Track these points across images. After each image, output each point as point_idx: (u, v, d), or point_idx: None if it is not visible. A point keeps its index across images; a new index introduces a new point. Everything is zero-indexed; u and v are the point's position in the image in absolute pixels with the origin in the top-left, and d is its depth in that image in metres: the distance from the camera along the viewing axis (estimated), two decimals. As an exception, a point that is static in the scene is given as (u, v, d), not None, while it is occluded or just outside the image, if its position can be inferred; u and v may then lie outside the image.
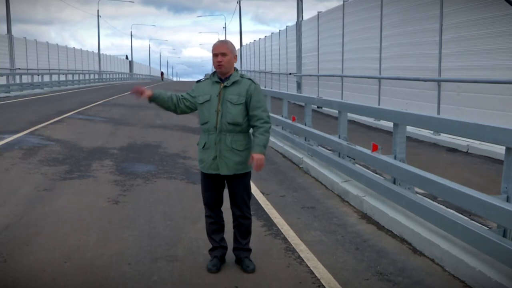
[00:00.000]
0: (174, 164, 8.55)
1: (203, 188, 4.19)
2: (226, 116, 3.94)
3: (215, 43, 4.07)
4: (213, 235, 4.21)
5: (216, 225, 4.20)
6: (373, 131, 12.97)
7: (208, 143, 4.00)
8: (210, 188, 4.14)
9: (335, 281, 3.94)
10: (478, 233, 3.92)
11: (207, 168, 4.04)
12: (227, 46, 4.01)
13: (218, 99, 3.98)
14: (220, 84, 4.01)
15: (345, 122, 7.36)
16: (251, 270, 4.08)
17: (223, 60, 3.94)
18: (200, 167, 4.12)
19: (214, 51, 3.99)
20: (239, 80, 4.00)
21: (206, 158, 4.02)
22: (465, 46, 11.26)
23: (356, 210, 5.98)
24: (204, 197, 4.20)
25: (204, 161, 4.06)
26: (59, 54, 44.03)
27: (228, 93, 3.97)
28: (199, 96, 4.06)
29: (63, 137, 11.21)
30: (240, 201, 4.11)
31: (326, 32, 20.85)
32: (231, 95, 3.97)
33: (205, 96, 4.02)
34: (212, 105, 3.98)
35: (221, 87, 3.99)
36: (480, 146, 9.52)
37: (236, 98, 3.96)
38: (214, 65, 4.02)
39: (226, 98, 3.96)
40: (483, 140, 4.79)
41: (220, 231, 4.23)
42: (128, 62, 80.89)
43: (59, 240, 4.72)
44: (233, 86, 3.99)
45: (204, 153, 4.04)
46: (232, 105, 3.95)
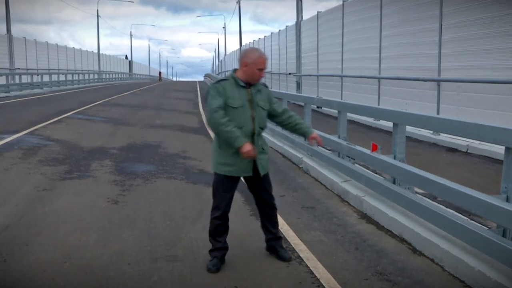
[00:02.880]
0: (174, 164, 8.55)
1: (221, 190, 4.17)
2: (259, 121, 4.11)
3: (262, 56, 4.11)
4: (218, 237, 4.23)
5: (224, 227, 4.24)
6: (373, 131, 12.97)
7: None
8: (229, 189, 4.20)
9: (334, 281, 3.94)
10: (478, 233, 3.92)
11: (239, 171, 4.11)
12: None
13: (250, 104, 4.07)
14: (247, 90, 4.08)
15: (345, 122, 7.36)
16: (289, 258, 4.30)
17: (263, 75, 4.11)
18: (226, 171, 4.10)
19: (263, 66, 4.07)
20: (261, 87, 4.20)
21: (239, 162, 4.05)
22: (464, 46, 11.27)
23: (356, 210, 5.98)
24: (219, 199, 4.19)
25: (235, 165, 4.07)
26: (58, 54, 44.02)
27: (258, 99, 4.12)
28: (230, 99, 4.01)
29: (62, 137, 11.21)
30: (269, 195, 4.33)
31: (326, 32, 20.85)
32: (261, 101, 4.15)
33: (238, 101, 4.03)
34: (246, 110, 4.05)
35: (249, 92, 4.08)
36: (479, 146, 9.52)
37: (264, 104, 4.17)
38: (253, 76, 4.06)
39: (258, 104, 4.11)
40: (482, 140, 4.80)
41: (225, 232, 4.27)
42: (127, 62, 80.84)
43: (59, 240, 4.72)
44: (259, 93, 4.16)
45: (236, 157, 4.03)
46: (263, 110, 4.17)
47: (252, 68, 4.04)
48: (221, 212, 4.19)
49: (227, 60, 62.41)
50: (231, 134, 3.90)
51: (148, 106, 21.09)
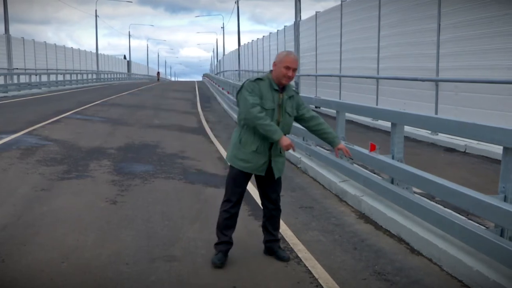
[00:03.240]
0: (172, 164, 8.55)
1: (233, 185, 4.24)
2: (284, 127, 4.13)
3: (289, 55, 4.13)
4: (225, 230, 4.27)
5: (232, 221, 4.29)
6: (371, 131, 12.98)
7: (261, 148, 4.10)
8: (241, 185, 4.25)
9: (333, 281, 3.94)
10: (476, 233, 3.93)
11: (253, 169, 4.15)
12: (298, 62, 4.18)
13: (279, 109, 4.11)
14: (280, 94, 4.11)
15: (343, 122, 7.37)
16: (287, 258, 4.32)
17: (292, 75, 4.08)
18: (242, 167, 4.15)
19: (289, 64, 4.05)
20: (293, 94, 4.22)
21: (256, 161, 4.12)
22: (463, 46, 11.29)
23: (354, 210, 5.99)
24: (231, 193, 4.26)
25: (250, 162, 4.12)
26: (57, 54, 44.02)
27: (287, 105, 4.15)
28: (263, 100, 4.05)
29: (61, 137, 11.19)
30: (277, 196, 4.36)
31: (324, 32, 20.86)
32: (289, 107, 4.17)
33: (271, 104, 4.07)
34: (274, 114, 4.09)
35: (280, 97, 4.11)
36: (478, 146, 9.54)
37: (291, 111, 4.20)
38: (280, 75, 4.07)
39: (286, 110, 4.14)
40: (481, 140, 4.82)
41: (232, 227, 4.31)
42: (126, 62, 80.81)
43: (57, 240, 4.71)
44: (290, 100, 4.18)
45: (254, 155, 4.11)
46: (290, 117, 4.20)
47: (279, 67, 4.06)
48: (230, 205, 4.25)
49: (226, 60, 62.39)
50: (270, 127, 3.95)
51: (146, 106, 21.09)
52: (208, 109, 20.81)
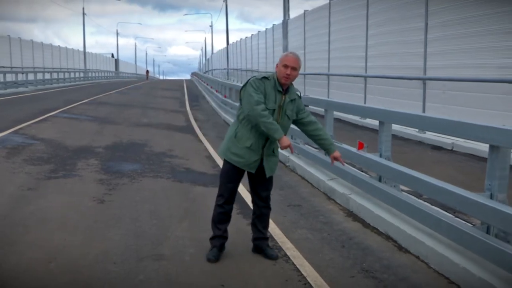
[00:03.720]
0: (160, 163, 8.52)
1: (226, 180, 4.27)
2: (282, 128, 4.09)
3: (288, 54, 4.16)
4: (219, 225, 4.31)
5: (225, 215, 4.33)
6: (359, 129, 13.03)
7: (255, 145, 4.12)
8: (234, 180, 4.28)
9: (321, 278, 3.95)
10: (463, 230, 3.96)
11: (244, 165, 4.17)
12: (299, 63, 4.14)
13: (279, 110, 4.12)
14: (282, 96, 4.12)
15: (331, 120, 7.38)
16: (275, 256, 4.33)
17: (291, 74, 4.07)
18: (234, 161, 4.17)
19: (287, 62, 4.06)
20: (295, 98, 4.21)
21: (248, 157, 4.14)
22: (450, 45, 11.36)
23: (342, 208, 6.01)
24: (224, 188, 4.29)
25: (243, 158, 4.14)
26: (43, 52, 43.64)
27: (287, 107, 4.16)
28: (266, 99, 4.05)
29: (48, 136, 11.11)
30: (267, 194, 4.38)
31: (313, 31, 20.90)
32: (290, 110, 4.18)
33: (273, 104, 4.08)
34: (274, 114, 4.09)
35: (283, 99, 4.12)
36: (464, 144, 9.61)
37: (291, 114, 4.20)
38: (279, 74, 4.08)
39: (286, 112, 4.15)
40: (467, 138, 4.85)
41: (227, 221, 4.35)
42: (114, 60, 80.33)
43: (44, 240, 4.67)
44: (292, 103, 4.19)
45: (247, 151, 4.13)
46: (289, 120, 4.21)
47: (279, 67, 4.09)
48: (224, 200, 4.28)
49: (214, 58, 62.28)
50: (272, 126, 3.97)
51: (134, 105, 20.99)
52: (197, 108, 20.77)
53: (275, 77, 4.12)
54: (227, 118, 15.16)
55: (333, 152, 4.33)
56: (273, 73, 4.17)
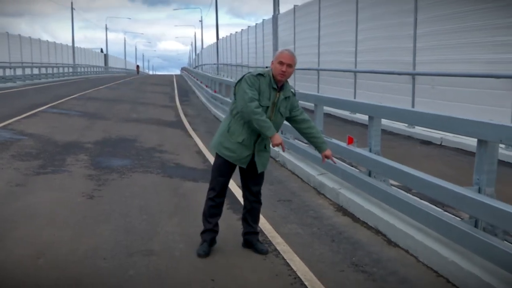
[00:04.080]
0: (150, 158, 8.49)
1: (218, 173, 4.29)
2: (274, 125, 4.11)
3: (283, 51, 4.14)
4: (210, 218, 4.32)
5: (217, 209, 4.34)
6: (349, 124, 13.06)
7: (247, 140, 4.14)
8: (225, 174, 4.29)
9: (311, 273, 3.97)
10: (451, 224, 3.99)
11: (235, 160, 4.19)
12: (294, 59, 4.13)
13: (272, 107, 4.12)
14: (277, 93, 4.12)
15: (321, 115, 7.40)
16: (265, 251, 4.34)
17: (287, 71, 4.07)
18: (226, 155, 4.19)
19: (283, 59, 4.06)
20: (290, 95, 4.21)
21: (240, 152, 4.16)
22: (439, 40, 11.40)
23: (332, 202, 6.03)
24: (216, 182, 4.30)
25: (234, 153, 4.16)
26: (32, 47, 43.27)
27: (281, 104, 4.17)
28: (260, 96, 4.05)
29: (36, 131, 11.03)
30: (258, 189, 4.40)
31: (303, 26, 20.89)
32: (283, 107, 4.18)
33: (267, 101, 4.08)
34: (268, 111, 4.10)
35: (277, 96, 4.12)
36: (453, 139, 9.66)
37: (285, 111, 4.21)
38: (275, 71, 4.08)
39: (279, 109, 4.16)
40: (456, 132, 4.88)
41: (218, 215, 4.37)
42: (103, 55, 79.87)
43: (33, 236, 4.65)
44: (286, 100, 4.19)
45: (239, 147, 4.15)
46: (282, 117, 4.22)
47: (275, 64, 4.09)
48: (215, 194, 4.29)
49: (204, 53, 62.11)
50: (265, 123, 3.98)
51: (124, 100, 20.89)
52: (187, 103, 20.71)
53: (270, 74, 4.11)
54: (217, 113, 15.13)
55: (324, 150, 4.36)
56: (269, 69, 4.17)
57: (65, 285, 3.71)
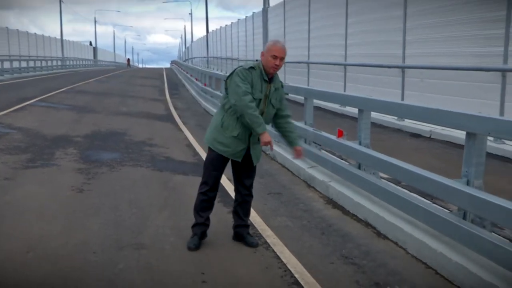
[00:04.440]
0: (140, 152, 8.47)
1: (211, 168, 4.27)
2: (267, 117, 4.17)
3: (276, 44, 4.11)
4: (202, 212, 4.33)
5: (209, 203, 4.34)
6: (339, 117, 13.09)
7: (242, 134, 4.12)
8: (218, 168, 4.29)
9: (301, 265, 3.98)
10: (440, 216, 4.02)
11: (230, 154, 4.18)
12: (286, 51, 4.12)
13: (265, 99, 4.12)
14: (268, 85, 4.11)
15: (311, 108, 7.40)
16: (255, 244, 4.36)
17: (279, 65, 4.07)
18: (221, 150, 4.17)
19: (276, 53, 4.04)
20: (279, 86, 4.22)
21: (234, 146, 4.15)
22: (428, 33, 11.45)
23: (322, 195, 6.05)
24: (208, 175, 4.29)
25: (230, 147, 4.15)
26: (19, 40, 42.84)
27: (272, 96, 4.17)
28: (253, 89, 4.04)
29: (25, 125, 10.95)
30: (250, 182, 4.41)
31: (293, 19, 20.87)
32: (274, 99, 4.19)
33: (259, 94, 4.08)
34: (261, 104, 4.10)
35: (268, 88, 4.11)
36: (442, 132, 9.72)
37: (276, 102, 4.21)
38: (267, 64, 4.06)
39: (271, 101, 4.16)
40: (444, 125, 4.90)
41: (209, 209, 4.38)
42: (92, 48, 79.32)
43: (21, 230, 4.62)
44: (276, 92, 4.19)
45: (234, 141, 4.14)
46: (273, 109, 4.22)
47: (267, 57, 4.06)
48: (208, 188, 4.29)
49: (194, 46, 61.87)
50: (257, 119, 3.96)
51: (113, 94, 20.78)
52: (176, 96, 20.64)
53: (260, 66, 4.10)
54: (207, 107, 15.10)
55: (297, 145, 4.38)
56: (259, 62, 4.15)
57: (55, 279, 3.70)
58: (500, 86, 9.22)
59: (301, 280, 3.73)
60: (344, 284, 3.75)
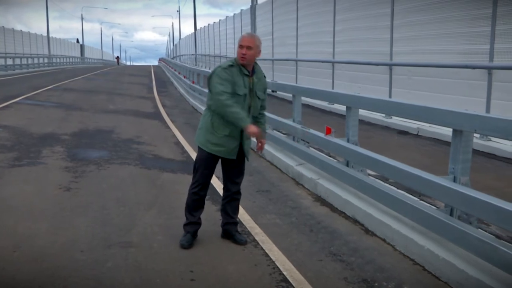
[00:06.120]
0: (128, 150, 8.42)
1: (203, 167, 4.27)
2: (254, 111, 4.21)
3: (243, 35, 4.20)
4: (194, 212, 4.34)
5: (200, 202, 4.35)
6: (327, 115, 13.12)
7: (233, 132, 4.14)
8: (210, 167, 4.30)
9: (289, 262, 3.99)
10: (427, 213, 4.04)
11: (225, 153, 4.20)
12: (254, 41, 4.15)
13: (250, 93, 4.14)
14: (249, 78, 4.13)
15: (299, 106, 7.41)
16: (244, 241, 4.36)
17: (247, 54, 4.09)
18: (214, 151, 4.18)
19: (241, 42, 4.11)
20: (261, 76, 4.24)
21: (228, 144, 4.17)
22: (415, 31, 11.51)
23: (310, 192, 6.06)
24: (200, 175, 4.29)
25: (224, 146, 4.17)
26: (5, 37, 42.41)
27: (256, 88, 4.19)
28: (236, 86, 4.06)
29: (11, 123, 10.85)
30: (239, 179, 4.43)
31: (281, 16, 20.86)
32: (259, 91, 4.23)
33: (243, 89, 4.09)
34: (246, 99, 4.12)
35: (250, 81, 4.13)
36: (429, 129, 9.79)
37: (261, 94, 4.25)
38: (237, 56, 4.11)
39: (256, 93, 4.18)
40: (431, 122, 4.93)
41: (201, 208, 4.38)
42: (79, 45, 78.76)
43: (8, 229, 4.58)
44: (259, 82, 4.21)
45: (226, 139, 4.15)
46: (259, 100, 4.24)
47: (237, 49, 4.13)
48: (200, 187, 4.30)
49: (182, 44, 61.67)
50: (237, 115, 3.97)
51: (101, 91, 20.64)
52: (164, 94, 20.56)
53: (238, 62, 4.13)
54: (195, 104, 15.06)
55: (262, 138, 4.35)
56: (236, 58, 4.18)
57: (42, 278, 3.67)
58: (486, 83, 9.30)
59: (289, 278, 3.74)
60: (332, 281, 3.77)
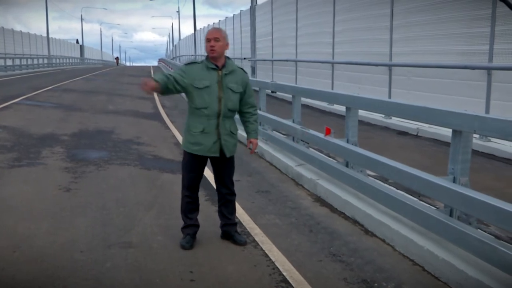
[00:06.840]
0: (128, 150, 8.42)
1: (188, 170, 4.30)
2: (227, 103, 4.14)
3: (209, 30, 4.23)
4: (189, 214, 4.34)
5: (194, 205, 4.37)
6: (327, 115, 13.12)
7: (208, 128, 4.14)
8: (195, 169, 4.30)
9: (289, 263, 3.99)
10: (427, 213, 4.05)
11: (206, 151, 4.18)
12: (221, 33, 4.19)
13: (219, 86, 4.12)
14: (218, 71, 4.13)
15: (299, 106, 7.42)
16: (244, 242, 4.36)
17: (216, 45, 4.09)
18: (194, 150, 4.19)
19: (208, 36, 4.13)
20: (235, 69, 4.21)
21: (206, 141, 4.16)
22: (415, 31, 11.51)
23: (310, 193, 6.06)
24: (187, 178, 4.31)
25: (202, 144, 4.16)
26: (5, 38, 42.41)
27: (228, 81, 4.15)
28: (196, 80, 4.10)
29: (10, 123, 10.85)
30: (228, 180, 4.41)
31: (281, 17, 20.87)
32: (231, 83, 4.17)
33: (204, 82, 4.10)
34: (213, 91, 4.11)
35: (219, 74, 4.12)
36: (429, 129, 9.80)
37: (236, 86, 4.19)
38: (206, 50, 4.14)
39: (227, 85, 4.15)
40: (431, 123, 4.93)
41: (196, 210, 4.40)
42: (78, 46, 78.76)
43: (7, 229, 4.58)
44: (231, 75, 4.18)
45: (203, 137, 4.16)
46: (233, 93, 4.18)
47: (205, 44, 4.15)
48: (190, 191, 4.32)
49: (182, 44, 61.66)
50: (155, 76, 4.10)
51: (101, 92, 20.64)
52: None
53: (206, 59, 4.18)
54: (195, 105, 15.04)
55: (253, 138, 4.42)
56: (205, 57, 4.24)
57: (42, 278, 3.67)
58: (485, 84, 9.31)
59: (289, 278, 3.74)
60: (332, 281, 3.77)
